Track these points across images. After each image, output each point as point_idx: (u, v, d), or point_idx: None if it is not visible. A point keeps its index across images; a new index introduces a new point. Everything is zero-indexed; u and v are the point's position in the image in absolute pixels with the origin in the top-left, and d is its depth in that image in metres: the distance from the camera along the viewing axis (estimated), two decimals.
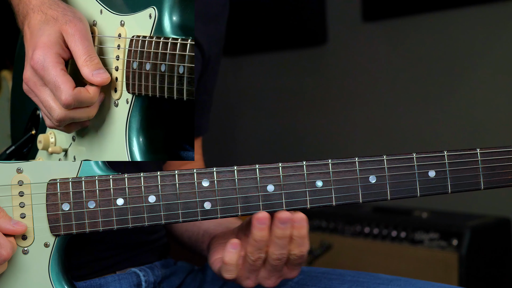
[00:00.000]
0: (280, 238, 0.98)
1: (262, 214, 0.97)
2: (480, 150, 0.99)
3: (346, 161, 0.98)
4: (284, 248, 0.99)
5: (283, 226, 0.97)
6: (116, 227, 0.97)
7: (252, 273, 1.02)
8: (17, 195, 0.97)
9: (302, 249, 1.00)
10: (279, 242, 0.98)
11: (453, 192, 0.98)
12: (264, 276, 1.03)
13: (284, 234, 0.98)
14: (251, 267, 1.01)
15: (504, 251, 2.68)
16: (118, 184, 0.97)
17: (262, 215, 0.97)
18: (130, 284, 1.17)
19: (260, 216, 0.97)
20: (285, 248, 0.99)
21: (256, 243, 0.98)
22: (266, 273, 1.02)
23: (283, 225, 0.97)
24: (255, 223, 0.97)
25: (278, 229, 0.98)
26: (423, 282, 1.12)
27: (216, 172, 0.98)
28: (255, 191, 0.98)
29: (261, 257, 1.00)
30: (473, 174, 0.98)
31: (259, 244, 0.99)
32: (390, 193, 0.98)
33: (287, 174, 0.98)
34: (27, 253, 0.97)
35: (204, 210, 0.98)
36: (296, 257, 1.01)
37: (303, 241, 1.00)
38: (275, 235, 0.98)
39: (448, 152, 0.98)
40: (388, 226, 2.66)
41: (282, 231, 0.98)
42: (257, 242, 0.98)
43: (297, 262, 1.02)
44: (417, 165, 0.98)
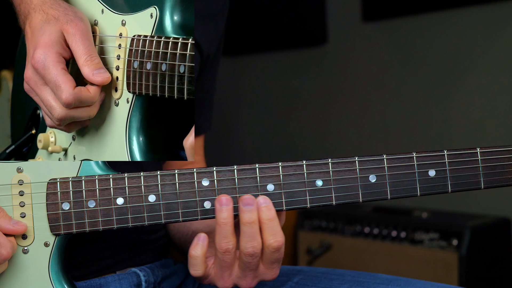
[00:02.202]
0: (247, 223, 0.95)
1: (224, 195, 0.96)
2: (480, 149, 0.99)
3: (346, 160, 0.98)
4: (255, 239, 0.96)
5: (247, 209, 0.95)
6: (116, 226, 0.97)
7: (225, 270, 0.99)
8: (17, 195, 0.97)
9: (277, 238, 0.96)
10: (248, 230, 0.95)
11: (453, 191, 0.98)
12: (238, 275, 0.99)
13: (251, 218, 0.95)
14: (222, 262, 0.98)
15: (504, 251, 2.68)
16: (118, 184, 0.97)
17: (224, 197, 0.95)
18: (130, 284, 1.17)
19: (221, 198, 0.95)
20: (256, 238, 0.96)
21: (220, 228, 0.95)
22: (240, 271, 0.99)
23: (247, 207, 0.95)
24: (216, 204, 0.95)
25: (243, 213, 0.95)
26: (423, 282, 1.12)
27: (216, 172, 0.98)
28: (255, 190, 0.98)
29: (229, 249, 0.96)
30: (473, 173, 0.98)
31: (224, 230, 0.95)
32: (390, 192, 0.98)
33: (287, 174, 0.98)
34: (27, 253, 0.97)
35: (204, 209, 0.98)
36: (272, 249, 0.97)
37: (274, 227, 0.96)
38: (242, 221, 0.95)
39: (448, 152, 0.98)
40: (388, 226, 2.67)
41: (248, 215, 0.95)
42: (221, 226, 0.95)
43: (274, 258, 0.98)
44: (417, 165, 0.98)
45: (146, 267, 1.21)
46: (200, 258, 0.97)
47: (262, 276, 1.01)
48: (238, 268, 0.99)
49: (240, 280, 1.00)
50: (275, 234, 0.97)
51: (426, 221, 2.63)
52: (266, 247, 0.97)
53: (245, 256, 0.97)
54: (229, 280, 1.00)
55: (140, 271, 1.19)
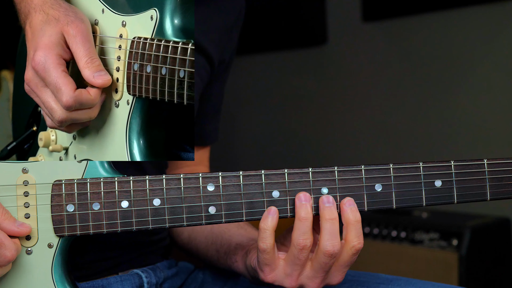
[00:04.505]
0: (329, 220, 0.95)
1: (302, 192, 0.96)
2: (487, 160, 0.98)
3: (352, 169, 0.98)
4: (336, 237, 0.95)
5: (328, 206, 0.95)
6: (120, 229, 0.97)
7: (296, 268, 0.97)
8: (22, 195, 0.97)
9: (361, 240, 0.96)
10: (330, 227, 0.94)
11: (459, 202, 0.98)
12: (308, 276, 0.98)
13: (332, 214, 0.95)
14: (296, 260, 0.96)
15: (504, 251, 2.68)
16: (123, 187, 0.97)
17: (303, 194, 0.96)
18: (132, 285, 1.17)
19: (300, 195, 0.95)
20: (337, 236, 0.95)
21: (300, 224, 0.95)
22: (312, 272, 0.97)
23: (327, 204, 0.95)
24: (297, 201, 0.95)
25: (324, 209, 0.95)
26: (423, 282, 1.12)
27: (221, 177, 0.97)
28: (260, 196, 0.97)
29: (306, 246, 0.95)
30: (480, 185, 0.98)
31: (304, 226, 0.95)
32: (395, 202, 0.98)
33: (292, 181, 0.98)
34: (31, 253, 0.97)
35: (209, 214, 0.97)
36: (354, 251, 0.96)
37: (359, 228, 0.96)
38: (324, 217, 0.95)
39: (455, 162, 0.98)
40: (388, 226, 2.67)
41: (329, 210, 0.95)
42: (301, 222, 0.95)
43: (351, 260, 0.97)
44: (424, 175, 0.98)
45: (148, 268, 1.21)
46: (269, 231, 0.96)
47: (330, 279, 1.00)
48: (310, 268, 0.98)
49: (309, 281, 0.99)
50: (359, 236, 0.96)
51: (426, 221, 2.63)
52: (349, 249, 0.96)
53: (324, 255, 0.95)
54: (298, 280, 0.99)
55: (142, 272, 1.19)
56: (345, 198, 0.96)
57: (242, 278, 1.23)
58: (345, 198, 0.96)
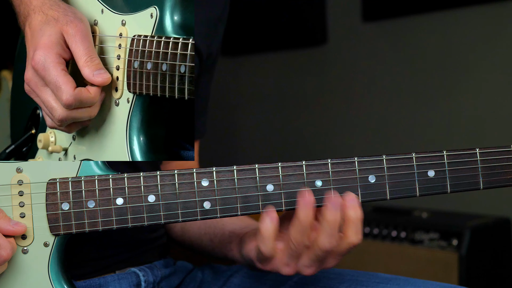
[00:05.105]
0: (331, 222, 0.94)
1: (308, 191, 0.95)
2: (479, 150, 0.99)
3: (346, 160, 0.98)
4: (334, 237, 0.95)
5: (334, 209, 0.94)
6: (116, 226, 0.97)
7: (293, 259, 0.98)
8: (17, 195, 0.97)
9: (359, 236, 0.96)
10: (330, 229, 0.94)
11: (452, 192, 0.98)
12: (304, 264, 0.98)
13: (335, 219, 0.94)
14: (293, 252, 0.97)
15: (504, 251, 2.68)
16: (118, 184, 0.97)
17: (308, 194, 0.95)
18: (129, 284, 1.17)
19: (305, 195, 0.95)
20: (335, 236, 0.95)
21: (300, 224, 0.94)
22: (308, 261, 0.98)
23: (334, 207, 0.94)
24: (300, 200, 0.95)
25: (329, 212, 0.94)
26: (422, 281, 1.12)
27: (215, 172, 0.98)
28: (254, 190, 0.98)
29: (304, 243, 0.96)
30: (473, 174, 0.98)
31: (303, 226, 0.94)
32: (389, 193, 0.98)
33: (286, 174, 0.98)
34: (27, 253, 0.97)
35: (204, 209, 0.97)
36: (351, 245, 0.96)
37: (359, 225, 0.95)
38: (326, 219, 0.94)
39: (447, 152, 0.98)
40: (388, 226, 2.66)
41: (334, 214, 0.94)
42: (301, 222, 0.94)
43: (347, 252, 0.98)
44: (417, 165, 0.98)
45: (146, 267, 1.21)
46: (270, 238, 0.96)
47: (325, 265, 1.00)
48: (306, 258, 0.98)
49: (305, 268, 0.99)
50: (358, 233, 0.96)
51: (426, 221, 2.63)
52: (346, 243, 0.96)
53: (320, 250, 0.96)
54: (294, 268, 1.00)
55: (140, 271, 1.19)
56: (348, 194, 0.96)
57: (242, 278, 1.23)
58: (348, 194, 0.95)
